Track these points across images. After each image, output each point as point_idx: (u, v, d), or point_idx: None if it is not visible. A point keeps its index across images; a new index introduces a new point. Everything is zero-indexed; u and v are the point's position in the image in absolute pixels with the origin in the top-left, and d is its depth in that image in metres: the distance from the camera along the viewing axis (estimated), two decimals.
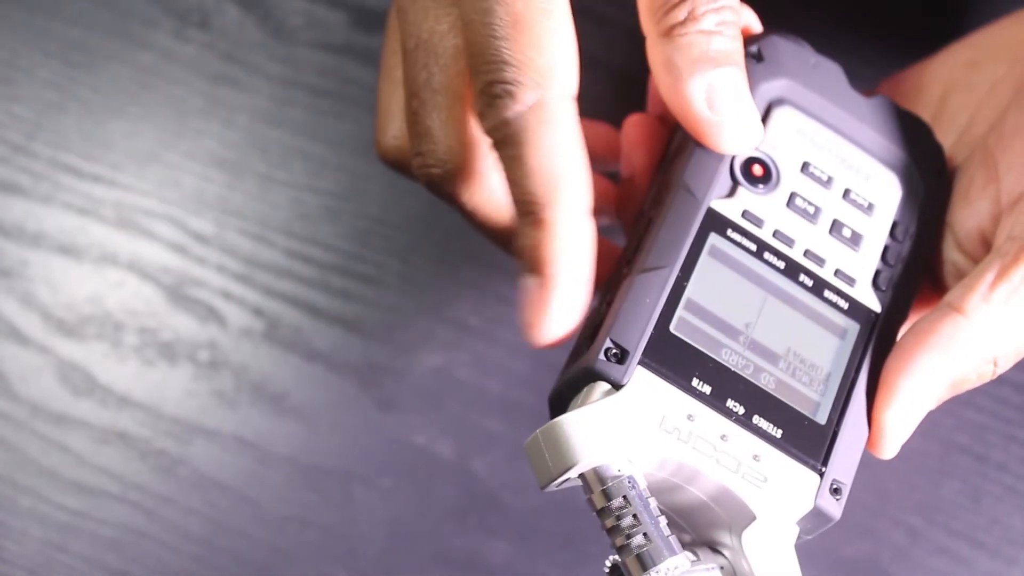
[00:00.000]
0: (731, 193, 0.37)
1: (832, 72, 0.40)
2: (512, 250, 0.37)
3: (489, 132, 0.34)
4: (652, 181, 0.40)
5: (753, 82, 0.38)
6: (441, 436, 0.52)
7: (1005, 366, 0.37)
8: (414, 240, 0.53)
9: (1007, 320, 0.36)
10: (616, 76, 0.53)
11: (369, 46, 0.55)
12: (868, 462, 0.51)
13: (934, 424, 0.51)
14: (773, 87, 0.39)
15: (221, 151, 0.54)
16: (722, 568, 0.34)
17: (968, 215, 0.39)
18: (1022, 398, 0.51)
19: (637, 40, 0.43)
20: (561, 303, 0.34)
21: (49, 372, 0.53)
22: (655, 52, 0.36)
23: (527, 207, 0.34)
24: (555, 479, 0.32)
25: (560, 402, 0.34)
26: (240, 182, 0.54)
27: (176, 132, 0.54)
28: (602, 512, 0.32)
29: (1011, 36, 0.42)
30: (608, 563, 0.33)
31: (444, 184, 0.38)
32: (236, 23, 0.55)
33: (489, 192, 0.38)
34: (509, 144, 0.34)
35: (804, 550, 0.51)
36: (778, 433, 0.34)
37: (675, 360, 0.34)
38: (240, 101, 0.55)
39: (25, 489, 0.52)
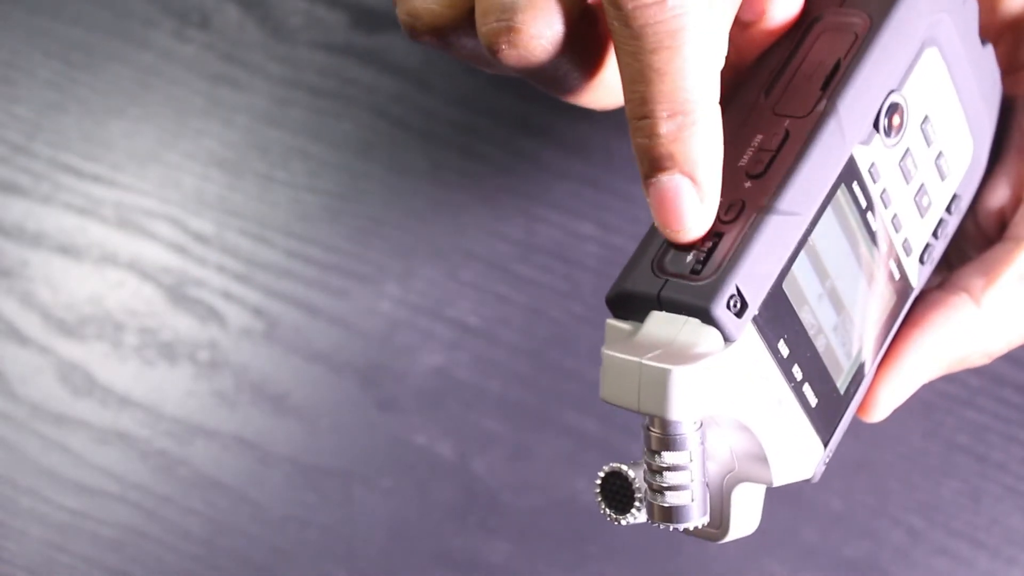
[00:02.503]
0: (868, 139, 0.33)
1: (971, 10, 0.36)
2: (569, 98, 0.33)
3: (634, 8, 0.30)
4: (780, 57, 0.35)
5: (919, 13, 0.34)
6: (441, 436, 0.52)
7: (996, 356, 0.37)
8: (414, 240, 0.53)
9: (1014, 318, 0.36)
10: None
11: (369, 46, 0.55)
12: (869, 462, 0.51)
13: (935, 424, 0.51)
14: (934, 23, 0.35)
15: (221, 151, 0.54)
16: None
17: (988, 189, 0.38)
18: (1022, 398, 0.51)
19: None
20: (714, 202, 0.31)
21: (49, 372, 0.53)
22: None
23: (678, 105, 0.30)
24: (631, 410, 0.30)
25: (635, 304, 0.31)
26: (240, 182, 0.54)
27: (176, 132, 0.54)
28: (655, 454, 0.30)
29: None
30: (604, 471, 0.31)
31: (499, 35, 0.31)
32: (236, 23, 0.55)
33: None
34: (666, 33, 0.29)
35: (804, 550, 0.52)
36: (814, 403, 0.33)
37: (775, 319, 0.31)
38: (240, 101, 0.54)
39: (25, 489, 0.52)
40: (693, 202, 0.31)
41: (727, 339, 0.30)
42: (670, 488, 0.30)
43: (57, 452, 0.53)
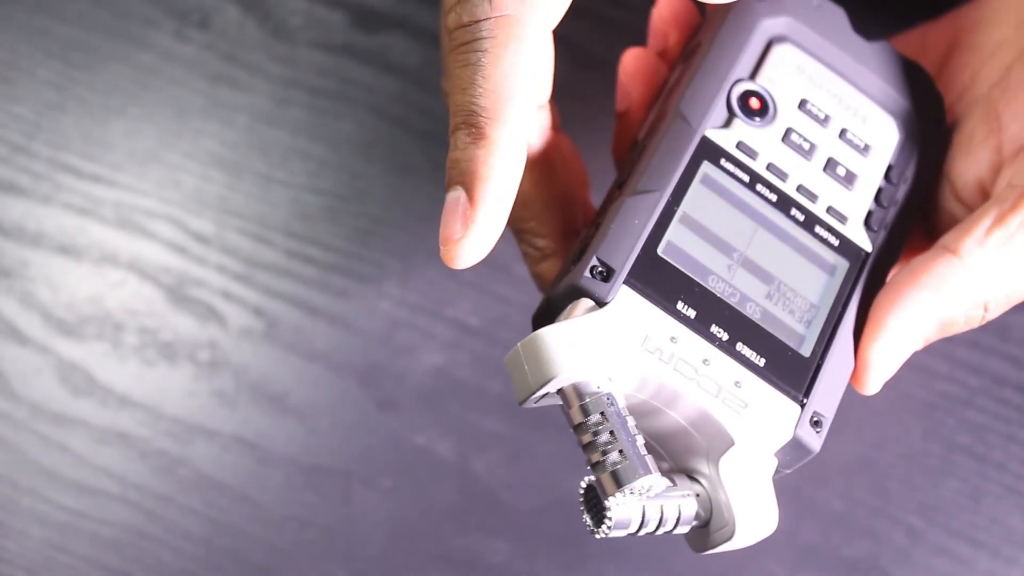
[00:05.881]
0: (727, 124, 0.37)
1: (835, 15, 0.40)
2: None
3: (454, 28, 0.33)
4: (647, 114, 0.40)
5: (754, 18, 0.38)
6: (441, 436, 0.52)
7: (995, 312, 0.37)
8: (414, 240, 0.53)
9: (1001, 265, 0.36)
10: (616, 76, 0.53)
11: (369, 46, 0.55)
12: (869, 462, 0.51)
13: (935, 424, 0.51)
14: (774, 24, 0.39)
15: (221, 151, 0.54)
16: (698, 496, 0.33)
17: (968, 165, 0.39)
18: (1022, 398, 0.51)
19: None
20: (485, 220, 0.33)
21: (49, 372, 0.53)
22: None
23: (471, 118, 0.33)
24: (534, 392, 0.32)
25: (544, 320, 0.34)
26: (240, 182, 0.54)
27: (176, 132, 0.54)
28: (579, 428, 0.32)
29: (1017, 0, 0.42)
30: (583, 484, 0.32)
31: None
32: (236, 23, 0.55)
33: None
34: (472, 49, 0.32)
35: (804, 550, 0.52)
36: (761, 362, 0.34)
37: (661, 282, 0.34)
38: (240, 101, 0.55)
39: (25, 489, 0.52)
40: (463, 218, 0.33)
41: (599, 302, 0.33)
42: (599, 452, 0.31)
43: (57, 452, 0.53)
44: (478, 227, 0.33)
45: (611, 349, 0.32)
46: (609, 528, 0.32)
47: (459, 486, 0.52)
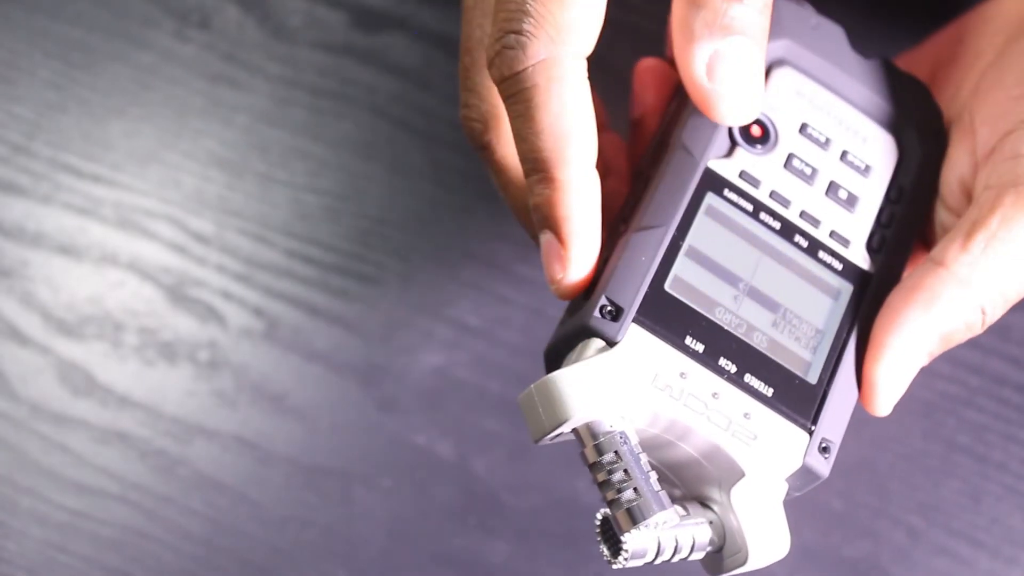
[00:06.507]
0: (729, 153, 0.37)
1: (833, 34, 0.40)
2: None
3: (498, 83, 0.34)
4: (653, 137, 0.40)
5: None
6: (441, 436, 0.52)
7: (994, 314, 0.37)
8: (414, 240, 0.53)
9: (988, 267, 0.36)
10: (616, 76, 0.53)
11: (369, 46, 0.55)
12: (870, 462, 0.51)
13: (935, 424, 0.51)
14: (773, 48, 0.39)
15: (221, 151, 0.54)
16: (711, 523, 0.34)
17: (948, 171, 0.40)
18: (1022, 398, 0.51)
19: (638, 40, 0.43)
20: (578, 257, 0.34)
21: (49, 372, 0.53)
22: (676, 7, 0.36)
23: (536, 164, 0.34)
24: (548, 433, 0.33)
25: (555, 358, 0.35)
26: (240, 182, 0.54)
27: (176, 132, 0.54)
28: (594, 466, 0.32)
29: (996, 11, 0.43)
30: (599, 516, 0.33)
31: (482, 139, 0.38)
32: (236, 23, 0.55)
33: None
34: (518, 100, 0.34)
35: (804, 550, 0.51)
36: (769, 392, 0.35)
37: (669, 318, 0.34)
38: (240, 101, 0.55)
39: (25, 489, 0.52)
40: (558, 259, 0.35)
41: (610, 342, 0.33)
42: (614, 490, 0.32)
43: (57, 452, 0.53)
44: (575, 263, 0.34)
45: (623, 389, 0.33)
46: (626, 560, 0.32)
47: (459, 486, 0.52)
